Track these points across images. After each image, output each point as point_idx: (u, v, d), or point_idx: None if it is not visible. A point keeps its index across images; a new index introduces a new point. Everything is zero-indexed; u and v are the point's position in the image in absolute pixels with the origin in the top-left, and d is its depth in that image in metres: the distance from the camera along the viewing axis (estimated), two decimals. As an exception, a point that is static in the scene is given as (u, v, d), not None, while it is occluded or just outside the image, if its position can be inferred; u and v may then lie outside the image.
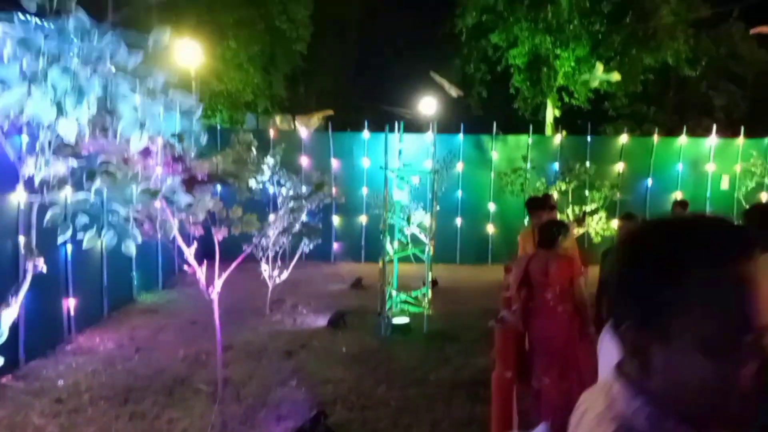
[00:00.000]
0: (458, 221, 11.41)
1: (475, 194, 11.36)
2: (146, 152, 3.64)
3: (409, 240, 7.11)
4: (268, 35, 17.07)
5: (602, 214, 9.93)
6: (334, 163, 11.32)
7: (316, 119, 17.41)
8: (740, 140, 11.30)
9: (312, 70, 19.82)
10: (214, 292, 4.43)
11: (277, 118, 18.77)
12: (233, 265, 4.71)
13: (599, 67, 16.55)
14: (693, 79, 18.66)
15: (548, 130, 17.08)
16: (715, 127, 11.55)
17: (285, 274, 7.31)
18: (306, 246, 7.48)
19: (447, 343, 6.17)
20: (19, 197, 4.63)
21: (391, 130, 11.72)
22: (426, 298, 6.62)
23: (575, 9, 17.87)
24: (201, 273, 4.33)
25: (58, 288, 5.87)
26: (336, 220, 11.47)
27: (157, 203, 3.82)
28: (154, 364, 5.47)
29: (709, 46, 17.85)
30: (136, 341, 6.13)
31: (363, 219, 11.26)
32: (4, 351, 3.65)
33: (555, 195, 10.46)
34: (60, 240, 3.41)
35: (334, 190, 11.52)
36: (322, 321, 6.93)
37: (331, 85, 20.75)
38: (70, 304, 6.05)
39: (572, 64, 17.95)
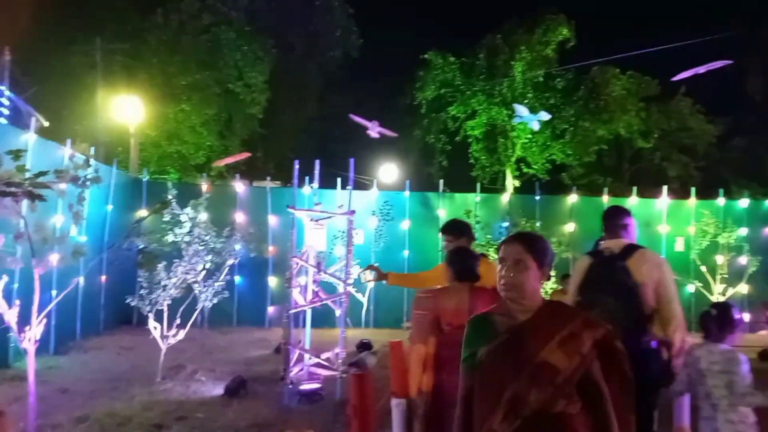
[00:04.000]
0: (405, 284, 10.59)
1: (422, 253, 10.61)
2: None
3: (319, 290, 6.29)
4: (223, 99, 16.88)
5: (552, 272, 9.27)
6: (272, 219, 10.60)
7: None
8: (692, 201, 11.04)
9: (270, 135, 19.60)
10: (26, 339, 3.51)
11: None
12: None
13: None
14: (647, 150, 18.98)
15: (509, 199, 16.84)
16: (665, 188, 11.29)
17: (181, 334, 6.30)
18: (208, 301, 6.57)
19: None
20: None
21: (342, 186, 11.20)
22: (339, 360, 5.69)
23: (529, 84, 18.32)
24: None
25: None
26: (273, 281, 10.54)
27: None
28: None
29: (660, 120, 18.31)
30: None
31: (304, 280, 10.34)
32: None
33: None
34: None
35: (271, 248, 10.71)
36: (219, 389, 5.89)
37: (290, 151, 20.48)
38: None
39: (528, 135, 18.10)
